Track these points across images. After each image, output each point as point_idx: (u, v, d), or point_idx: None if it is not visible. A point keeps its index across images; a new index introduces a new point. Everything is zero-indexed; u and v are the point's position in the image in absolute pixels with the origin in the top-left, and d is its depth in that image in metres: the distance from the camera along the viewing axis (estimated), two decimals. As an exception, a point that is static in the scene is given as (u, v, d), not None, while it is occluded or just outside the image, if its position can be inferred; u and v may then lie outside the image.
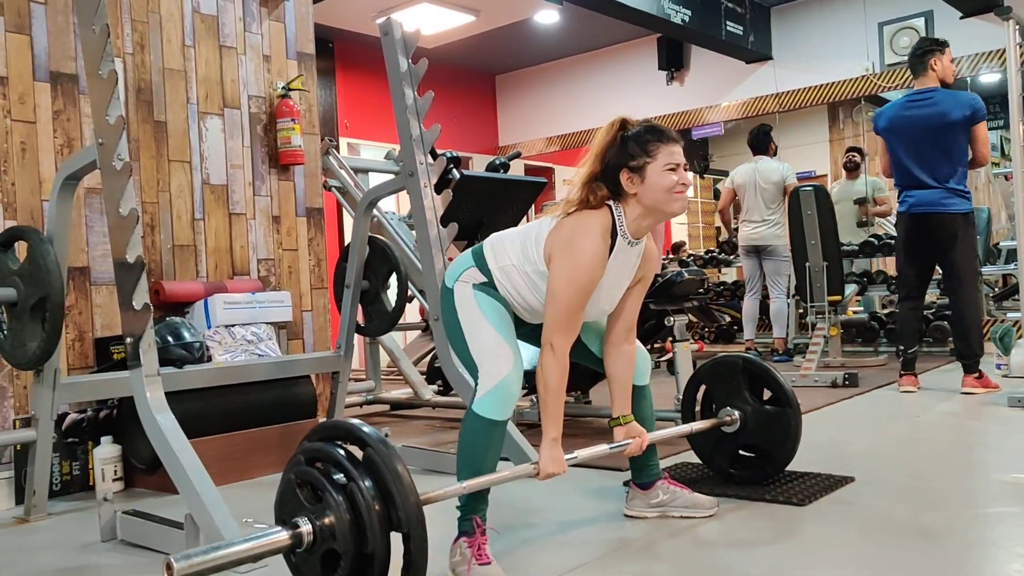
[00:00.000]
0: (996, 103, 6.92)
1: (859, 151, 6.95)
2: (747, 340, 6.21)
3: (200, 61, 3.53)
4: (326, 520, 1.52)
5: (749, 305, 6.21)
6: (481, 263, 2.10)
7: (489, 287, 2.08)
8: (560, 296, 1.96)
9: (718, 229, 8.39)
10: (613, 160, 2.04)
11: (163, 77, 3.40)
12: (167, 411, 2.16)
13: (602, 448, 2.16)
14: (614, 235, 2.02)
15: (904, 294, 4.36)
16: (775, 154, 6.18)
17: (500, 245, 2.11)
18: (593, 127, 8.49)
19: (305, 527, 1.53)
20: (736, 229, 6.63)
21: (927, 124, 4.11)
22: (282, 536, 1.53)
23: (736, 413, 2.48)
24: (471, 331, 2.04)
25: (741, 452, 2.55)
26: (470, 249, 2.17)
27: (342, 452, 1.58)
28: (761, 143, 6.12)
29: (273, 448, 3.12)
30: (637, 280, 2.17)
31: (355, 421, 1.65)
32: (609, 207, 2.04)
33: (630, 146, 2.03)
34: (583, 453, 2.12)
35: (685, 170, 2.06)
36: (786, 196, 5.80)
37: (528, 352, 2.98)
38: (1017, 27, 4.11)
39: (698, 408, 2.65)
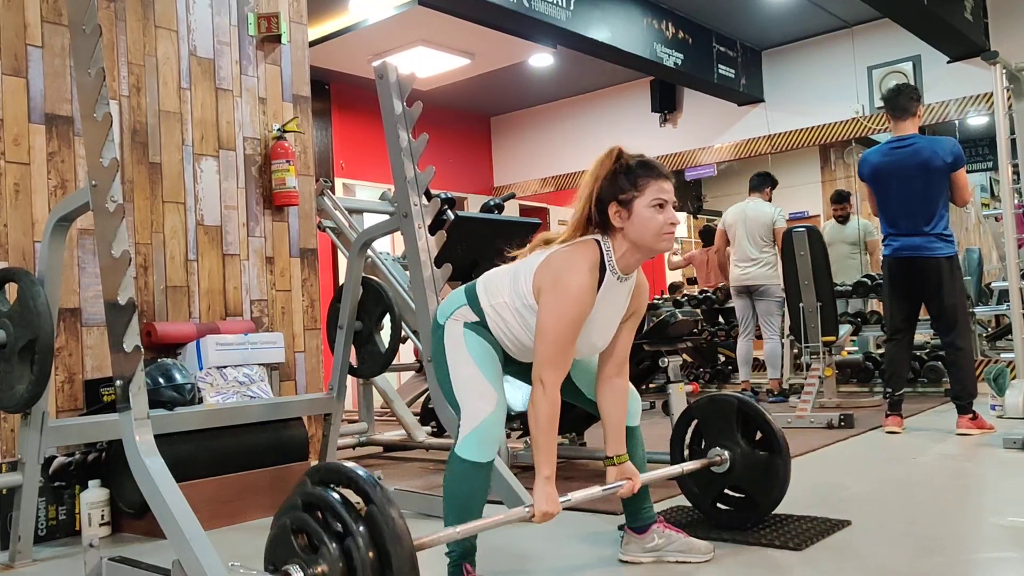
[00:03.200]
0: (984, 145, 7.01)
1: (846, 196, 6.97)
2: (743, 381, 6.19)
3: (196, 103, 3.56)
4: (319, 569, 1.49)
5: (743, 346, 6.20)
6: (473, 302, 2.09)
7: (480, 326, 2.07)
8: (549, 331, 1.95)
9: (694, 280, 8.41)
10: (605, 192, 2.04)
11: (159, 119, 3.43)
12: (156, 455, 2.13)
13: (595, 490, 2.14)
14: (602, 270, 2.02)
15: (891, 335, 4.38)
16: (770, 199, 6.23)
17: (492, 283, 2.11)
18: (587, 168, 8.57)
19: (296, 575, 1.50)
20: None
21: (910, 170, 4.16)
22: None
23: (726, 453, 2.46)
24: (455, 369, 2.03)
25: (727, 492, 2.52)
26: (463, 287, 2.16)
27: (341, 501, 1.54)
28: (756, 186, 6.16)
29: (264, 491, 3.08)
30: (629, 314, 2.16)
31: (359, 470, 1.59)
32: (597, 242, 2.04)
33: (620, 179, 2.04)
34: (577, 495, 2.10)
35: (675, 208, 2.05)
36: (776, 239, 5.84)
37: (521, 392, 2.97)
38: (1004, 71, 4.17)
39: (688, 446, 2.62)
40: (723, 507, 2.54)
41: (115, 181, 2.20)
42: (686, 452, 2.61)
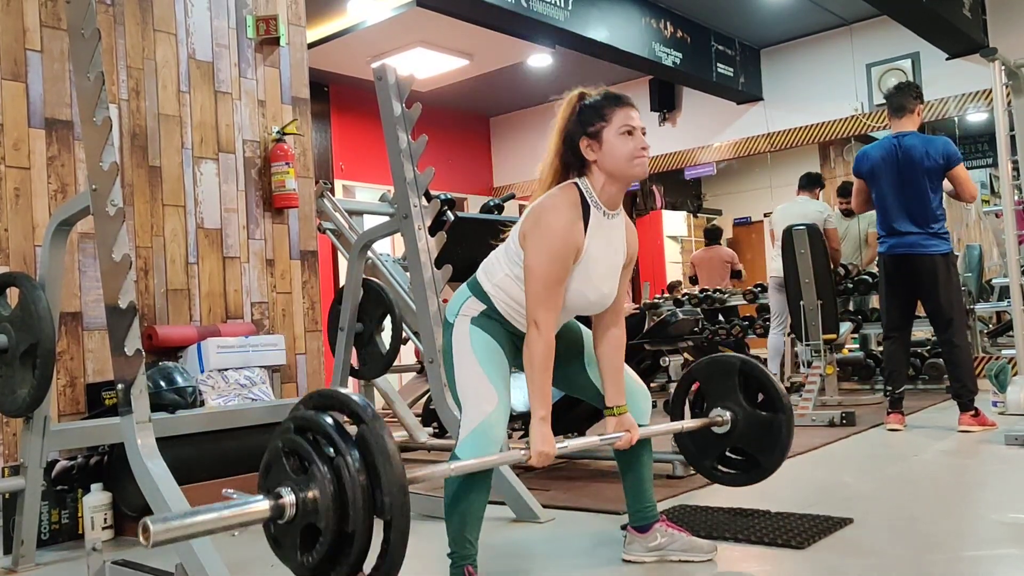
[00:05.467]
0: (984, 142, 7.00)
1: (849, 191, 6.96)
2: (772, 375, 6.17)
3: (195, 106, 3.56)
4: (310, 493, 1.46)
5: (774, 339, 6.19)
6: (477, 290, 2.09)
7: (488, 318, 2.06)
8: (536, 269, 1.95)
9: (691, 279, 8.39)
10: (573, 130, 2.06)
11: (158, 122, 3.43)
12: (158, 458, 2.14)
13: (594, 439, 2.13)
14: (586, 208, 2.02)
15: (889, 332, 4.38)
16: (818, 198, 6.22)
17: (489, 264, 2.12)
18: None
19: (288, 498, 1.47)
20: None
21: (904, 168, 4.17)
22: (263, 506, 1.46)
23: (727, 414, 2.42)
24: (459, 369, 2.04)
25: (728, 454, 2.51)
26: (467, 282, 2.17)
27: (333, 424, 1.52)
28: (804, 185, 6.14)
29: (266, 494, 3.08)
30: (627, 262, 2.16)
31: (352, 394, 1.57)
32: (575, 184, 2.05)
33: (586, 113, 2.05)
34: (573, 442, 2.09)
35: (644, 134, 2.05)
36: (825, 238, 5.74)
37: (522, 393, 2.97)
38: (1003, 67, 4.17)
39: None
40: (724, 469, 2.51)
41: (115, 185, 2.20)
42: (687, 414, 2.59)
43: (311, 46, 4.89)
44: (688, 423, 2.45)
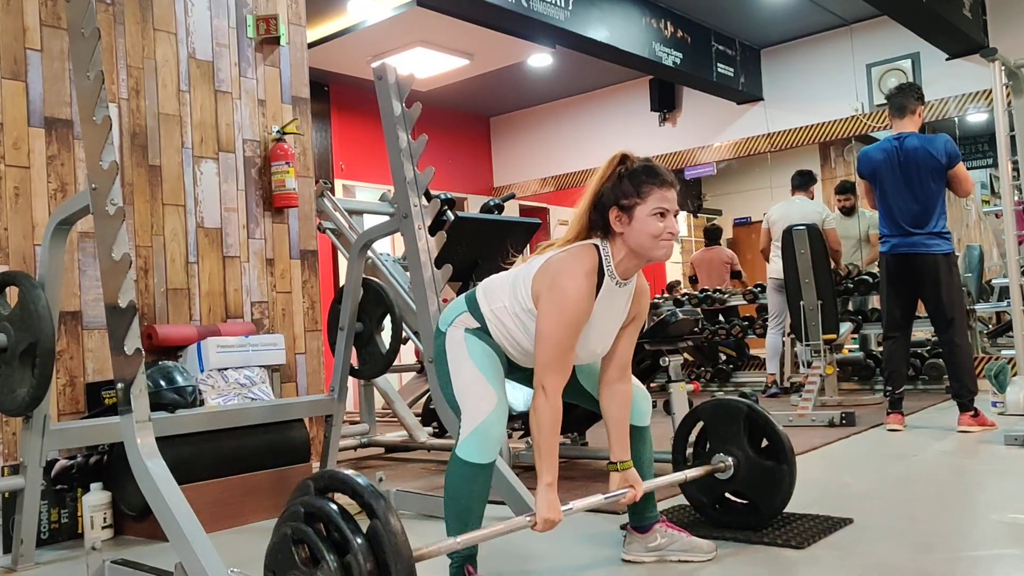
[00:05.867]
0: (984, 142, 7.00)
1: (851, 187, 6.93)
2: (770, 374, 6.19)
3: (195, 106, 3.56)
4: None
5: (772, 339, 6.18)
6: (474, 308, 2.09)
7: (482, 332, 2.07)
8: (548, 336, 1.95)
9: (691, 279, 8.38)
10: (607, 196, 2.03)
11: (158, 122, 3.43)
12: (158, 457, 2.14)
13: (597, 498, 2.13)
14: (600, 275, 2.01)
15: (890, 332, 4.38)
16: (813, 196, 6.22)
17: (492, 288, 2.10)
18: (587, 168, 8.58)
19: None
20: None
21: (906, 168, 4.18)
22: None
23: (730, 460, 2.45)
24: (456, 371, 2.04)
25: (728, 496, 2.53)
26: (464, 295, 2.16)
27: (342, 514, 1.53)
28: (799, 184, 6.16)
29: (266, 493, 3.08)
30: (630, 319, 2.15)
31: (360, 479, 1.58)
32: (596, 247, 2.03)
33: (624, 184, 2.02)
34: (578, 503, 2.08)
35: (675, 216, 2.04)
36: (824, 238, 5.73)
37: (522, 393, 2.97)
38: (1003, 68, 4.17)
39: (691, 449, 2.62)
40: (724, 511, 2.53)
41: (115, 184, 2.20)
42: (689, 451, 2.61)
43: (311, 46, 4.89)
44: (691, 472, 2.46)
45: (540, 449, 1.96)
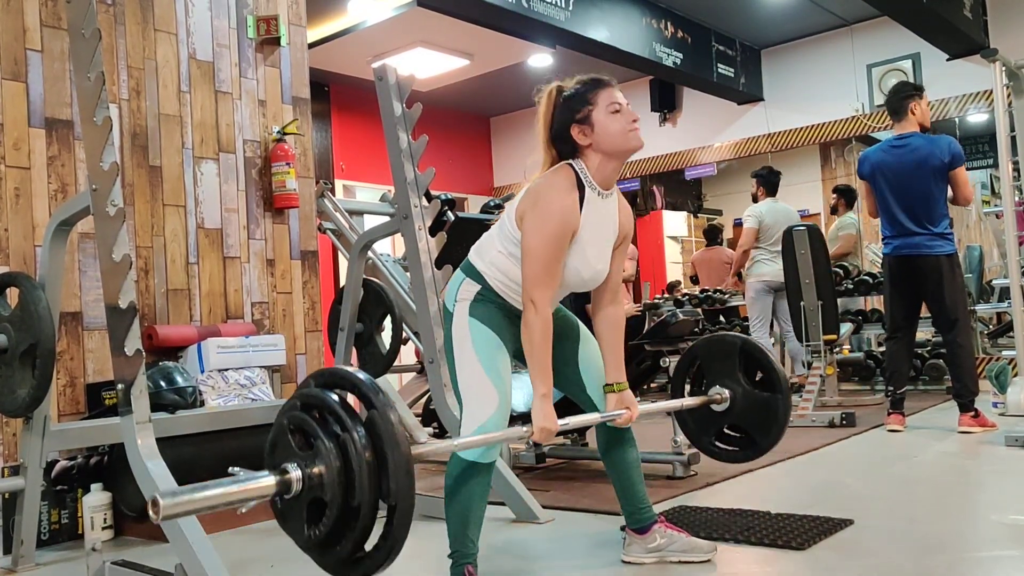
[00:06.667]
0: (984, 143, 7.00)
1: (843, 190, 6.90)
2: None
3: (196, 106, 3.56)
4: (316, 469, 1.47)
5: (762, 342, 6.15)
6: (470, 271, 2.10)
7: (486, 300, 2.06)
8: (533, 249, 1.97)
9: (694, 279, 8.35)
10: (559, 122, 2.09)
11: (158, 122, 3.43)
12: (158, 458, 2.14)
13: (594, 416, 2.14)
14: (581, 188, 2.04)
15: (892, 333, 4.38)
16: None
17: (482, 244, 2.14)
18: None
19: (294, 473, 1.48)
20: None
21: (908, 169, 4.17)
22: (269, 481, 1.48)
23: (726, 392, 2.45)
24: (460, 365, 2.04)
25: (725, 430, 2.53)
26: (459, 267, 2.18)
27: (339, 402, 1.53)
28: (768, 189, 6.10)
29: (266, 494, 3.08)
30: (620, 239, 2.18)
31: (361, 374, 1.58)
32: (570, 165, 2.07)
33: (571, 102, 2.09)
34: (575, 420, 2.10)
35: (628, 106, 2.09)
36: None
37: (523, 393, 2.97)
38: (1003, 68, 4.17)
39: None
40: (721, 445, 2.54)
41: (115, 185, 2.20)
42: (687, 390, 2.60)
43: (311, 46, 4.89)
44: (688, 401, 2.47)
45: (534, 360, 1.97)
